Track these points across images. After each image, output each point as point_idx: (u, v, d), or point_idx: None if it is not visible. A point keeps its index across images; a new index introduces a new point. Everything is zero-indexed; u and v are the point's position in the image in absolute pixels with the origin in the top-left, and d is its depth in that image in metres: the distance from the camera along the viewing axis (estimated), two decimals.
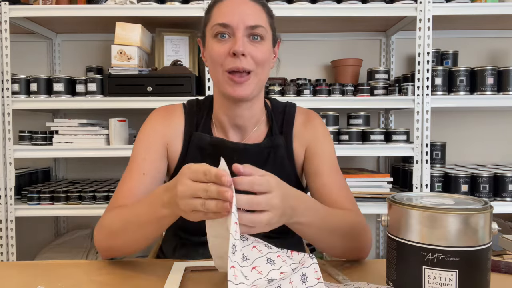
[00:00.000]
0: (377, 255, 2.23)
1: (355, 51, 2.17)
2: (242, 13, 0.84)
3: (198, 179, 0.62)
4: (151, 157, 0.91)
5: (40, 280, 0.73)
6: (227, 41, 0.85)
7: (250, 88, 0.86)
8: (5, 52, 1.77)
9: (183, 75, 1.79)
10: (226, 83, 0.86)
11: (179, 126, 0.96)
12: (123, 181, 0.89)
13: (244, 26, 0.84)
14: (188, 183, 0.62)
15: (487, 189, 1.79)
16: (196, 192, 0.61)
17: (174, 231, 1.00)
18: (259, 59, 0.85)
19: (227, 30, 0.85)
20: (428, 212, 0.57)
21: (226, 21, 0.84)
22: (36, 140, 1.84)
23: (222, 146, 0.93)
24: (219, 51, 0.85)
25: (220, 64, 0.85)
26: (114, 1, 1.79)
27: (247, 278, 0.56)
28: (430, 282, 0.57)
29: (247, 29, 0.84)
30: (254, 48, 0.85)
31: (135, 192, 0.86)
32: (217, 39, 0.86)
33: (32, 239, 2.20)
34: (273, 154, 0.94)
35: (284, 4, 1.79)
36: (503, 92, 1.80)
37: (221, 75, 0.86)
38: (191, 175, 0.62)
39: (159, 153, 0.92)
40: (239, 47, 0.82)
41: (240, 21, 0.84)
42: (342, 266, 0.81)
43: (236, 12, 0.84)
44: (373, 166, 2.24)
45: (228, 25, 0.84)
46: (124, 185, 0.88)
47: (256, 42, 0.86)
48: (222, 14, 0.85)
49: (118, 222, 0.80)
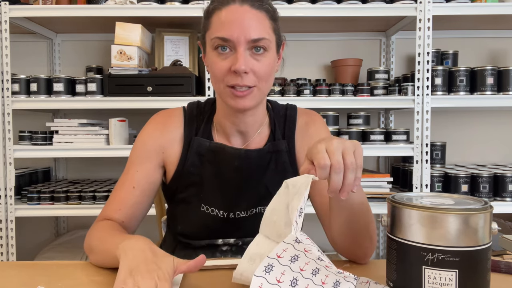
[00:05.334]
0: (377, 255, 2.23)
1: (355, 51, 2.17)
2: (244, 25, 0.80)
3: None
4: (144, 169, 0.91)
5: (40, 280, 0.73)
6: (228, 54, 0.82)
7: (253, 101, 0.85)
8: (5, 52, 1.77)
9: (183, 75, 1.79)
10: (228, 96, 0.84)
11: (178, 132, 0.94)
12: (115, 191, 0.91)
13: (245, 40, 0.80)
14: (148, 282, 0.60)
15: (487, 189, 1.80)
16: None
17: (173, 235, 1.00)
18: (261, 74, 0.83)
19: (228, 44, 0.81)
20: (428, 212, 0.57)
21: (227, 36, 0.80)
22: (36, 140, 1.84)
23: (222, 152, 0.92)
24: (220, 67, 0.82)
25: (221, 79, 0.83)
26: (114, 1, 1.79)
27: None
28: (430, 282, 0.57)
29: (249, 43, 0.80)
30: (256, 62, 0.82)
31: (123, 205, 0.89)
32: (218, 52, 0.82)
33: (32, 239, 2.20)
34: (275, 160, 0.93)
35: (284, 4, 1.79)
36: (503, 92, 1.80)
37: (222, 89, 0.84)
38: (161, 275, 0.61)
39: (154, 163, 0.92)
40: (240, 66, 0.79)
41: (241, 34, 0.79)
42: (342, 266, 0.81)
43: (237, 24, 0.80)
44: (373, 166, 2.24)
45: (228, 40, 0.80)
46: (116, 196, 0.90)
47: (259, 54, 0.82)
48: (222, 26, 0.81)
49: (95, 240, 0.82)
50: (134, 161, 0.92)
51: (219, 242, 0.94)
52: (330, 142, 0.63)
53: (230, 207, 0.91)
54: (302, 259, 0.56)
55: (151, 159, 0.92)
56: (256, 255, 0.65)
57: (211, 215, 0.91)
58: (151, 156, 0.92)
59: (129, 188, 0.90)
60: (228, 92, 0.84)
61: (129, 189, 0.90)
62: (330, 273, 0.56)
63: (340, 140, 0.64)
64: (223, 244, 0.94)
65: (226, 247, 0.94)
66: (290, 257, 0.55)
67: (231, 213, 0.91)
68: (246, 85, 0.82)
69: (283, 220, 0.62)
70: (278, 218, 0.63)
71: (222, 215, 0.91)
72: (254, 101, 0.85)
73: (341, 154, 0.62)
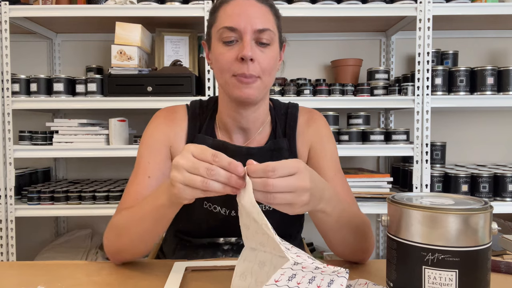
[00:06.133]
0: (377, 255, 2.23)
1: (355, 51, 2.17)
2: (250, 16, 0.82)
3: (204, 158, 0.60)
4: (156, 160, 0.90)
5: (40, 280, 0.73)
6: (234, 46, 0.83)
7: (256, 91, 0.85)
8: (5, 52, 1.77)
9: (183, 75, 1.79)
10: (234, 86, 0.85)
11: (182, 128, 0.95)
12: (130, 184, 0.89)
13: (252, 30, 0.82)
14: (190, 157, 0.61)
15: (487, 189, 1.79)
16: (197, 169, 0.59)
17: (174, 233, 1.00)
18: (265, 66, 0.84)
19: (235, 34, 0.83)
20: (428, 212, 0.57)
21: (233, 25, 0.82)
22: (36, 140, 1.84)
23: (224, 149, 0.92)
24: (226, 57, 0.83)
25: (227, 69, 0.84)
26: (114, 1, 1.79)
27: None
28: (430, 282, 0.57)
29: (255, 33, 0.83)
30: (261, 54, 0.84)
31: (141, 195, 0.87)
32: (224, 44, 0.84)
33: (32, 239, 2.20)
34: (276, 158, 0.93)
35: (284, 4, 1.79)
36: (503, 92, 1.80)
37: (228, 79, 0.85)
38: (196, 152, 0.61)
39: (163, 155, 0.92)
40: (247, 52, 0.81)
41: (247, 24, 0.82)
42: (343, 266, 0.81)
43: (243, 14, 0.82)
44: (373, 166, 2.24)
45: (235, 29, 0.82)
46: (131, 188, 0.88)
47: (264, 47, 0.84)
48: (229, 17, 0.83)
49: (123, 220, 0.80)
50: (143, 154, 0.91)
51: (221, 240, 0.94)
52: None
53: (231, 205, 0.91)
54: (299, 275, 0.56)
55: (160, 152, 0.92)
56: (247, 271, 0.65)
57: (213, 212, 0.91)
58: (160, 148, 0.92)
59: (144, 178, 0.88)
60: (234, 82, 0.84)
61: (144, 179, 0.88)
62: (325, 275, 0.57)
63: None
64: (224, 243, 0.94)
65: (227, 246, 0.94)
66: (288, 277, 0.56)
67: (233, 211, 0.91)
68: (252, 75, 0.83)
69: (259, 231, 0.62)
70: (253, 230, 0.63)
71: (225, 212, 0.91)
72: (257, 92, 0.86)
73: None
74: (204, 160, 0.60)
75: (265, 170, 0.59)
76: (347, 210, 0.78)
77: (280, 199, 0.60)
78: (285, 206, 0.62)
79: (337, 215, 0.74)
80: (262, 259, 0.63)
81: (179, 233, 0.97)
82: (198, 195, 0.61)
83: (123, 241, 0.79)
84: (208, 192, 0.60)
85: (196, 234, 0.94)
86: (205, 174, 0.59)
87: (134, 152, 0.96)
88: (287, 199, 0.61)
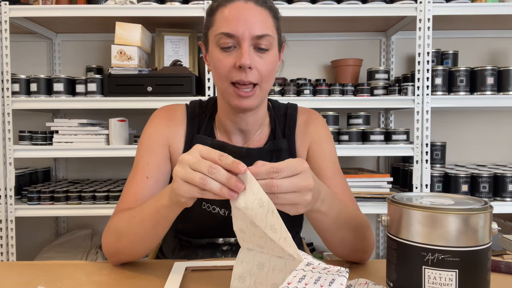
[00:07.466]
0: (377, 255, 2.23)
1: (355, 51, 2.17)
2: (248, 21, 0.80)
3: (210, 158, 0.60)
4: (154, 161, 0.90)
5: (40, 280, 0.73)
6: (232, 52, 0.82)
7: (255, 101, 0.85)
8: (5, 52, 1.77)
9: (183, 75, 1.79)
10: (232, 96, 0.84)
11: (181, 128, 0.95)
12: (128, 185, 0.89)
13: (250, 36, 0.80)
14: (196, 155, 0.61)
15: (487, 189, 1.79)
16: (200, 166, 0.59)
17: (174, 233, 1.00)
18: (264, 72, 0.83)
19: (232, 40, 0.81)
20: (428, 212, 0.57)
21: (231, 31, 0.80)
22: (36, 140, 1.84)
23: (223, 149, 0.91)
24: (224, 63, 0.82)
25: (225, 76, 0.83)
26: (114, 1, 1.79)
27: None
28: (430, 282, 0.57)
29: (254, 39, 0.81)
30: (260, 60, 0.82)
31: (139, 196, 0.86)
32: (222, 49, 0.82)
33: (32, 239, 2.20)
34: (276, 158, 0.93)
35: (284, 4, 1.79)
36: (503, 92, 1.80)
37: (226, 87, 0.84)
38: (204, 151, 0.61)
39: (162, 155, 0.91)
40: (245, 60, 0.79)
41: (246, 30, 0.80)
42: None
43: (241, 19, 0.80)
44: (373, 166, 2.24)
45: (233, 35, 0.80)
46: (129, 189, 0.88)
47: (262, 53, 0.83)
48: (227, 22, 0.81)
49: (123, 222, 0.80)
50: (142, 155, 0.91)
51: (220, 241, 0.94)
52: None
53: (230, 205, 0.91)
54: (308, 275, 0.56)
55: (159, 152, 0.91)
56: (245, 273, 0.65)
57: (212, 213, 0.91)
58: (159, 148, 0.91)
59: (143, 179, 0.88)
60: (232, 92, 0.84)
61: (143, 179, 0.88)
62: (328, 275, 0.57)
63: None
64: (223, 243, 0.94)
65: (226, 247, 0.94)
66: (299, 278, 0.56)
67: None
68: (250, 81, 0.82)
69: (256, 234, 0.62)
70: (250, 234, 0.63)
71: (224, 213, 0.91)
72: (257, 101, 0.86)
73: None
74: (209, 160, 0.60)
75: (270, 171, 0.59)
76: (345, 210, 0.78)
77: (285, 199, 0.60)
78: (289, 206, 0.62)
79: (334, 215, 0.74)
80: (261, 260, 0.63)
81: (178, 234, 0.97)
82: (194, 193, 0.61)
83: (122, 243, 0.79)
84: (205, 192, 0.60)
85: (195, 235, 0.94)
86: (206, 171, 0.59)
87: (134, 152, 0.96)
88: (291, 199, 0.61)
